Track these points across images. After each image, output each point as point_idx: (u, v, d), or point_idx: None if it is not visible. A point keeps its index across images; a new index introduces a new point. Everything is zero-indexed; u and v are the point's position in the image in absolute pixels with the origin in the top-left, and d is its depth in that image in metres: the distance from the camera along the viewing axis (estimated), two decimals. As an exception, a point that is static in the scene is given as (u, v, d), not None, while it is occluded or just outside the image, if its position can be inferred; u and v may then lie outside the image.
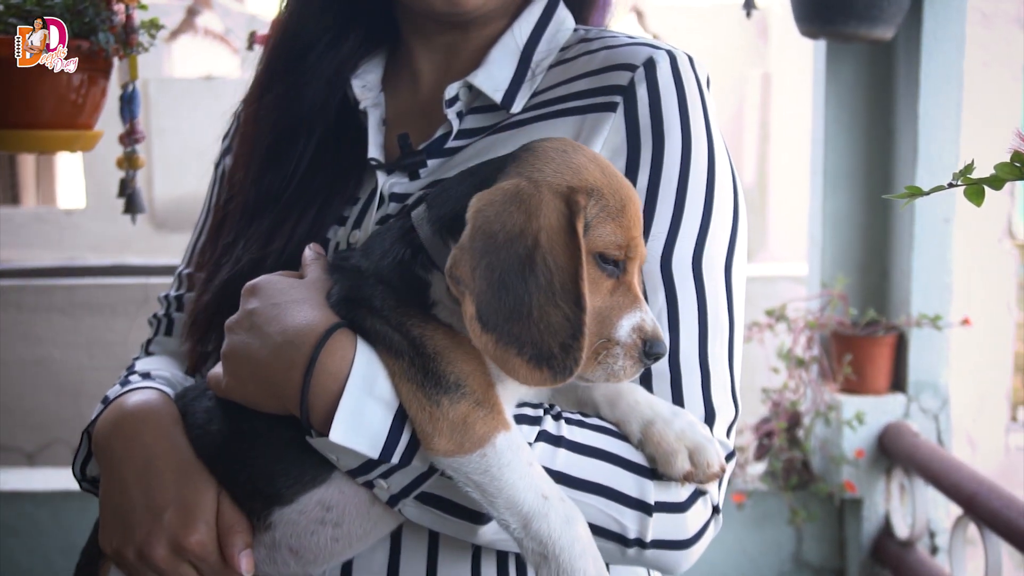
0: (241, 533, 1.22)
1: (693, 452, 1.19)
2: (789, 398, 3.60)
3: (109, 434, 1.30)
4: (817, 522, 3.62)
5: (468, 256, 1.09)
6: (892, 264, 3.60)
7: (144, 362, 1.50)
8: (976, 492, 2.95)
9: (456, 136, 1.38)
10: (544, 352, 1.10)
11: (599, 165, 1.18)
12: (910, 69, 3.43)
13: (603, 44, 1.38)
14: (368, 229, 1.36)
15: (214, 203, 1.56)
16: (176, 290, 1.58)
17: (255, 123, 1.49)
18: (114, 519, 1.25)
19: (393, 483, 1.16)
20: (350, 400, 1.12)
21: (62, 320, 5.72)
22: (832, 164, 3.63)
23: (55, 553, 3.57)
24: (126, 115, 2.76)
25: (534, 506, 1.10)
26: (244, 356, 1.21)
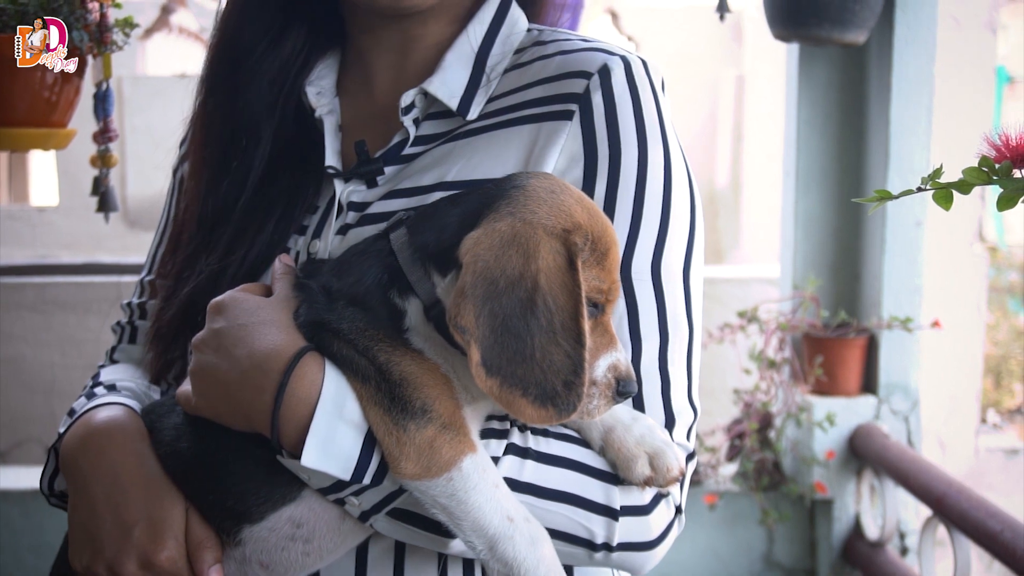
0: (211, 549, 1.22)
1: (653, 457, 1.21)
2: (761, 399, 3.61)
3: (76, 450, 1.29)
4: (788, 523, 3.63)
5: (471, 304, 1.10)
6: (863, 266, 3.63)
7: (109, 372, 1.49)
8: (945, 493, 2.97)
9: (413, 143, 1.38)
10: (548, 391, 1.11)
11: (586, 207, 1.19)
12: (882, 73, 3.45)
13: (558, 48, 1.38)
14: (328, 238, 1.36)
15: (173, 212, 1.55)
16: (139, 297, 1.56)
17: (202, 129, 1.48)
18: (83, 536, 1.25)
19: (364, 501, 1.17)
20: (320, 424, 1.13)
21: (33, 318, 5.70)
22: (804, 166, 3.65)
23: (25, 551, 3.56)
24: (100, 113, 2.75)
25: (500, 528, 1.12)
26: (212, 377, 1.21)
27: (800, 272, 3.67)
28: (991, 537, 2.72)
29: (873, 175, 3.53)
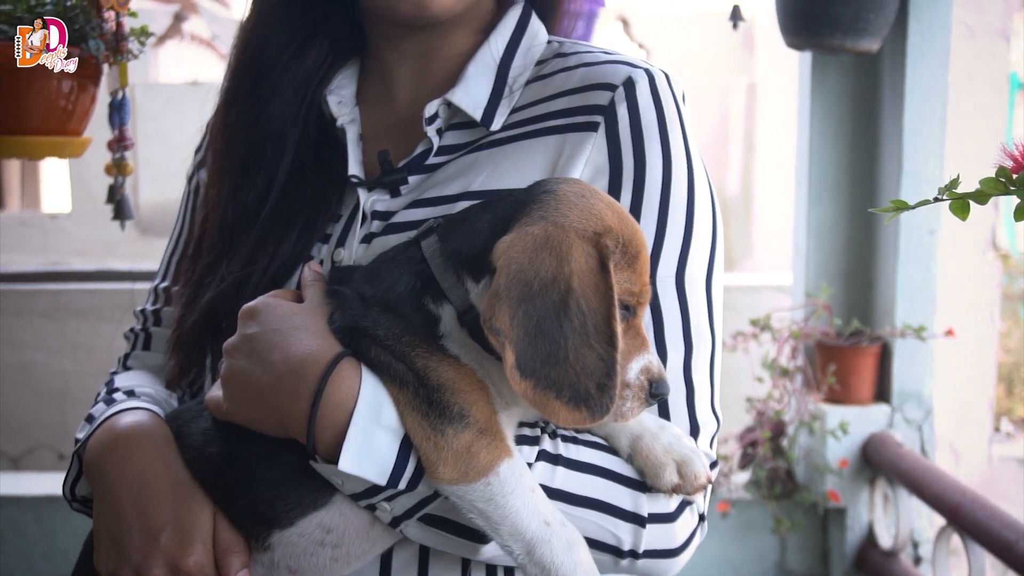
0: (238, 553, 1.22)
1: (681, 465, 1.22)
2: (773, 408, 3.61)
3: (102, 456, 1.29)
4: (801, 531, 3.63)
5: (505, 306, 1.11)
6: (876, 275, 3.62)
7: (124, 378, 1.49)
8: (959, 502, 2.97)
9: (436, 153, 1.39)
10: (581, 393, 1.12)
11: (615, 211, 1.20)
12: (895, 81, 3.45)
13: (580, 61, 1.39)
14: (352, 247, 1.36)
15: (189, 219, 1.56)
16: (153, 304, 1.57)
17: (224, 138, 1.48)
18: (110, 541, 1.25)
19: (397, 506, 1.17)
20: (358, 430, 1.14)
21: (47, 325, 5.71)
22: (817, 175, 3.65)
23: (38, 558, 3.57)
24: (115, 121, 2.76)
25: (537, 532, 1.12)
26: (245, 382, 1.21)
27: (813, 280, 3.67)
28: (1006, 547, 2.72)
29: (886, 184, 3.53)
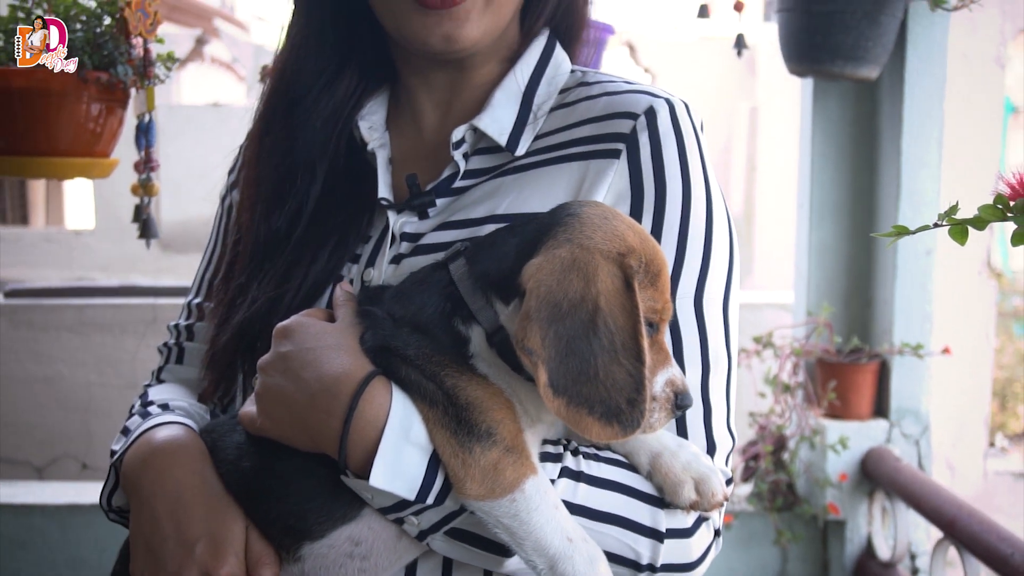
0: (269, 565, 1.23)
1: (699, 482, 1.23)
2: (775, 422, 3.61)
3: (139, 468, 1.30)
4: (801, 543, 3.62)
5: (536, 327, 1.11)
6: (875, 294, 3.62)
7: (158, 391, 1.50)
8: (956, 516, 2.96)
9: (463, 176, 1.40)
10: (612, 408, 1.12)
11: (636, 232, 1.21)
12: (893, 107, 3.46)
13: (603, 90, 1.40)
14: (382, 267, 1.37)
15: (222, 238, 1.57)
16: (186, 319, 1.58)
17: (257, 165, 1.49)
18: (146, 552, 1.25)
19: (424, 520, 1.18)
20: (388, 446, 1.14)
21: (71, 339, 5.72)
22: (818, 197, 3.65)
23: (62, 566, 3.57)
24: (141, 144, 2.78)
25: (560, 548, 1.13)
26: (279, 399, 1.22)
27: (814, 299, 3.67)
28: (1002, 560, 2.71)
29: (885, 207, 3.53)
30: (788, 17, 3.20)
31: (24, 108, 2.53)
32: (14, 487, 3.82)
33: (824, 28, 3.12)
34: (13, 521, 3.57)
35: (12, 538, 3.57)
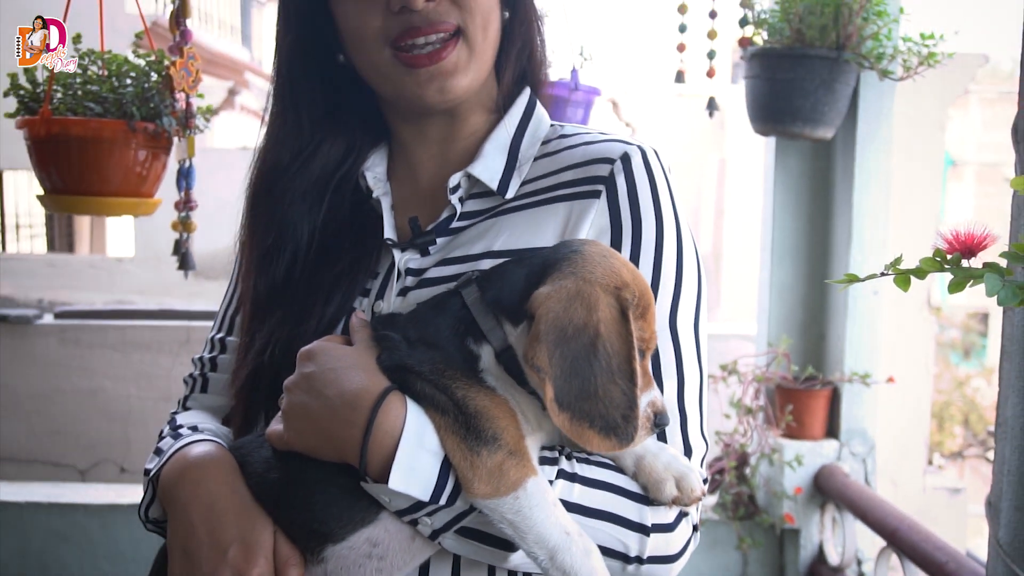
0: (295, 566, 1.22)
1: (679, 480, 1.23)
2: (739, 441, 3.62)
3: (175, 482, 1.29)
4: (761, 549, 3.63)
5: (544, 347, 1.13)
6: (828, 328, 3.64)
7: (186, 416, 1.49)
8: (898, 527, 2.97)
9: (459, 218, 1.40)
10: (610, 423, 1.14)
11: (629, 269, 1.22)
12: (846, 164, 3.49)
13: (581, 140, 1.41)
14: (390, 300, 1.38)
15: (241, 280, 1.56)
16: (209, 352, 1.57)
17: (248, 234, 1.51)
18: (183, 556, 1.25)
19: (436, 520, 1.18)
20: (405, 453, 1.14)
21: (113, 356, 5.71)
22: (778, 241, 3.67)
23: (103, 559, 3.57)
24: (182, 186, 2.79)
25: (559, 541, 1.13)
26: (304, 414, 1.22)
27: (774, 332, 3.69)
28: (938, 567, 2.72)
29: (838, 251, 3.55)
30: (754, 83, 3.23)
31: (80, 153, 2.55)
32: (60, 488, 3.82)
33: (786, 94, 3.14)
34: (59, 518, 3.57)
35: (58, 533, 3.57)
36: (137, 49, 2.75)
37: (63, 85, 2.59)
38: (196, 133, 2.70)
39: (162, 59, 2.66)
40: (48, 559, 3.57)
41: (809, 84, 3.13)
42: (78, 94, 2.59)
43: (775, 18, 3.17)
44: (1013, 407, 1.92)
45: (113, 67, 2.65)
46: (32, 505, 3.59)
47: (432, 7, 1.33)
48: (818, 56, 3.11)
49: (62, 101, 2.58)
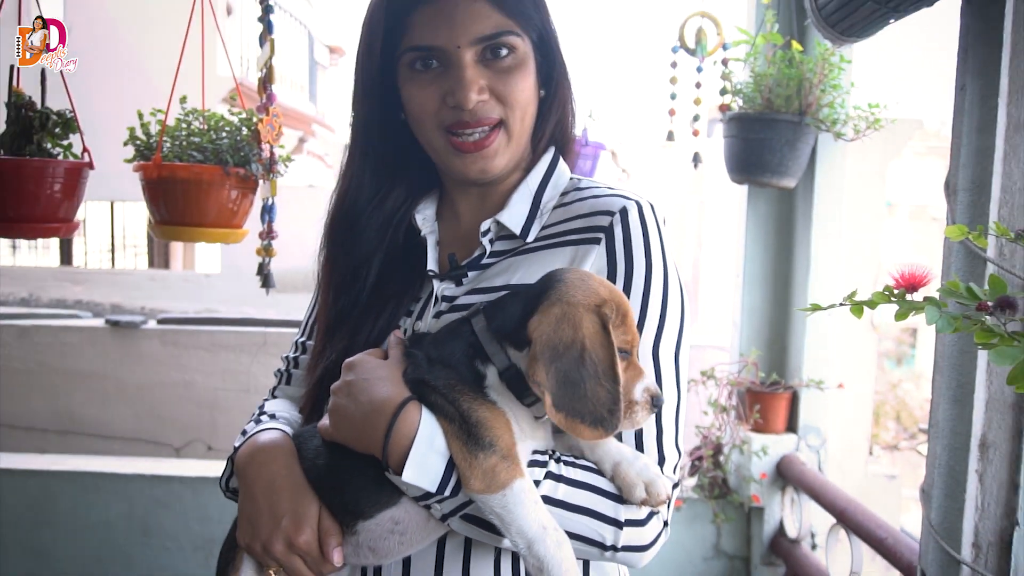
0: (335, 536, 1.24)
1: (648, 485, 1.22)
2: (715, 433, 3.62)
3: (246, 462, 1.31)
4: (732, 523, 3.62)
5: (542, 365, 1.13)
6: (789, 342, 3.64)
7: (272, 404, 1.50)
8: (845, 508, 2.97)
9: (488, 256, 1.40)
10: (598, 417, 1.14)
11: (607, 287, 1.22)
12: (806, 208, 3.50)
13: (591, 194, 1.40)
14: (427, 320, 1.38)
15: (320, 296, 1.56)
16: (294, 353, 1.58)
17: (327, 264, 1.51)
18: (247, 523, 1.26)
19: (444, 507, 1.19)
20: (417, 452, 1.16)
21: (203, 355, 5.73)
22: (749, 271, 3.68)
23: (193, 521, 3.59)
24: (265, 219, 2.82)
25: (536, 533, 1.13)
26: (343, 414, 1.23)
27: (745, 344, 3.69)
28: (878, 541, 2.71)
29: (798, 280, 3.56)
30: (731, 142, 3.24)
31: (184, 193, 2.57)
32: (159, 462, 3.85)
33: (757, 151, 3.15)
34: (159, 487, 3.60)
35: (158, 500, 3.60)
36: (231, 107, 2.78)
37: (172, 137, 2.62)
38: (277, 177, 2.73)
39: (251, 117, 2.69)
40: (149, 521, 3.59)
41: (776, 143, 3.14)
42: (183, 144, 2.62)
43: (749, 89, 3.18)
44: (944, 412, 1.92)
45: (212, 122, 2.68)
46: (137, 476, 3.62)
47: (480, 105, 1.33)
48: (784, 120, 3.12)
49: (170, 150, 2.60)
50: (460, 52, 1.32)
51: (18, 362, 5.86)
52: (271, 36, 2.71)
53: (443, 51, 1.33)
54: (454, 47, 1.32)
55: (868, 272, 3.67)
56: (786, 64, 3.10)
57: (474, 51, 1.33)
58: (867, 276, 3.65)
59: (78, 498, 3.60)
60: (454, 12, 1.32)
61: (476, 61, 1.33)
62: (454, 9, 1.32)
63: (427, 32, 1.33)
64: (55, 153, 2.44)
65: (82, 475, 3.62)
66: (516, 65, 1.35)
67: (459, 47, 1.32)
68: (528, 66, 1.37)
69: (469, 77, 1.32)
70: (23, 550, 3.62)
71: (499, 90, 1.34)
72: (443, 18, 1.32)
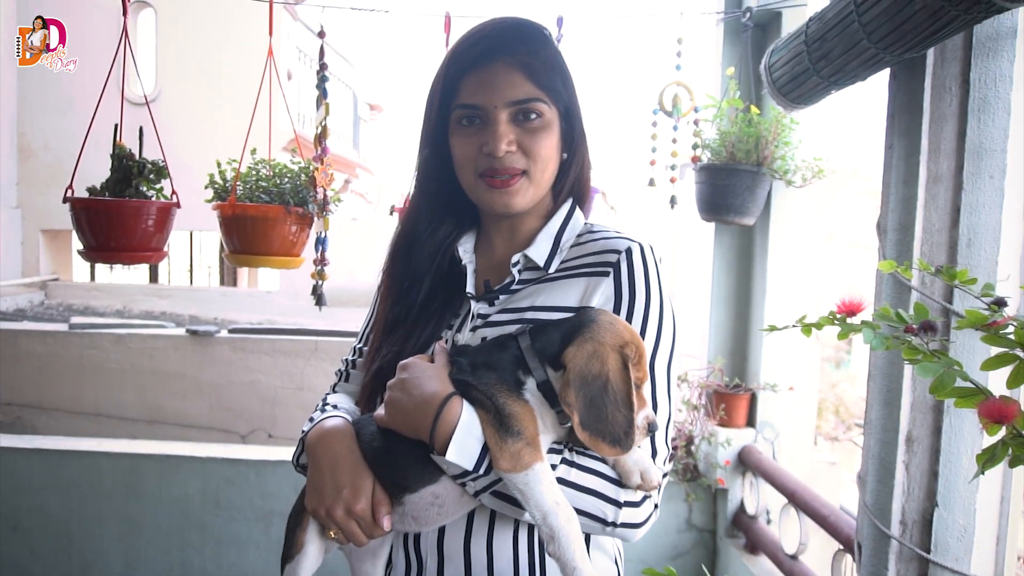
0: (385, 505, 1.24)
1: (643, 473, 1.23)
2: (688, 428, 3.61)
3: (315, 442, 1.32)
4: (701, 502, 3.61)
5: (573, 390, 1.15)
6: (749, 352, 3.63)
7: (333, 397, 1.51)
8: (795, 490, 2.96)
9: (517, 283, 1.41)
10: (616, 437, 1.15)
11: (630, 331, 1.23)
12: (763, 241, 3.50)
13: (602, 236, 1.41)
14: (464, 333, 1.39)
15: (377, 308, 1.56)
16: (353, 355, 1.59)
17: (388, 278, 1.51)
18: (314, 491, 1.28)
19: (478, 484, 1.19)
20: (459, 438, 1.16)
21: (265, 359, 5.75)
22: (716, 293, 3.68)
23: (257, 497, 3.59)
24: (319, 249, 2.84)
25: (550, 507, 1.13)
26: (398, 405, 1.24)
27: (713, 353, 3.68)
28: (822, 518, 2.71)
29: (756, 301, 3.56)
30: (701, 187, 3.25)
31: (252, 227, 2.59)
32: (229, 447, 3.85)
33: (723, 195, 3.16)
34: (229, 469, 3.60)
35: (227, 478, 3.60)
36: (292, 157, 2.80)
37: (243, 182, 2.64)
38: (329, 214, 2.75)
39: (309, 165, 2.72)
40: (220, 496, 3.60)
41: (738, 188, 3.15)
42: (253, 188, 2.65)
43: (716, 144, 3.20)
44: (876, 412, 1.93)
45: (276, 170, 2.71)
46: (210, 459, 3.62)
47: (508, 155, 1.35)
48: (744, 170, 3.13)
49: (243, 192, 2.63)
50: (496, 111, 1.35)
51: (114, 364, 5.88)
52: (326, 100, 2.74)
53: (483, 110, 1.36)
54: (492, 107, 1.35)
55: (813, 293, 3.67)
56: (746, 124, 3.11)
57: (508, 112, 1.35)
58: (812, 296, 3.65)
59: (163, 476, 3.61)
60: (495, 79, 1.35)
61: (509, 120, 1.36)
62: (495, 77, 1.35)
63: (472, 94, 1.36)
64: (149, 195, 2.47)
65: (166, 457, 3.63)
66: (542, 127, 1.37)
67: (496, 107, 1.35)
68: (552, 129, 1.39)
69: (501, 131, 1.34)
70: (118, 518, 3.63)
71: (525, 144, 1.36)
72: (486, 83, 1.35)
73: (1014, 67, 1.68)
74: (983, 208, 1.72)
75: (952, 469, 1.77)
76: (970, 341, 1.67)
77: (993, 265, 1.71)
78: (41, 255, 11.75)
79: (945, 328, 1.69)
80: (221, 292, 10.75)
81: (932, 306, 1.69)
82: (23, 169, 11.57)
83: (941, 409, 1.78)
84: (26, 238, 11.69)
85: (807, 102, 2.17)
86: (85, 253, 2.40)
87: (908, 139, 1.82)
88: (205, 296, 10.23)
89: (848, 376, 14.24)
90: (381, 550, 1.36)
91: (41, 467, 3.63)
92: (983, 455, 1.03)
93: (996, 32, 1.68)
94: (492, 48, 1.37)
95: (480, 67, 1.37)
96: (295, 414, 5.55)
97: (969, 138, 1.71)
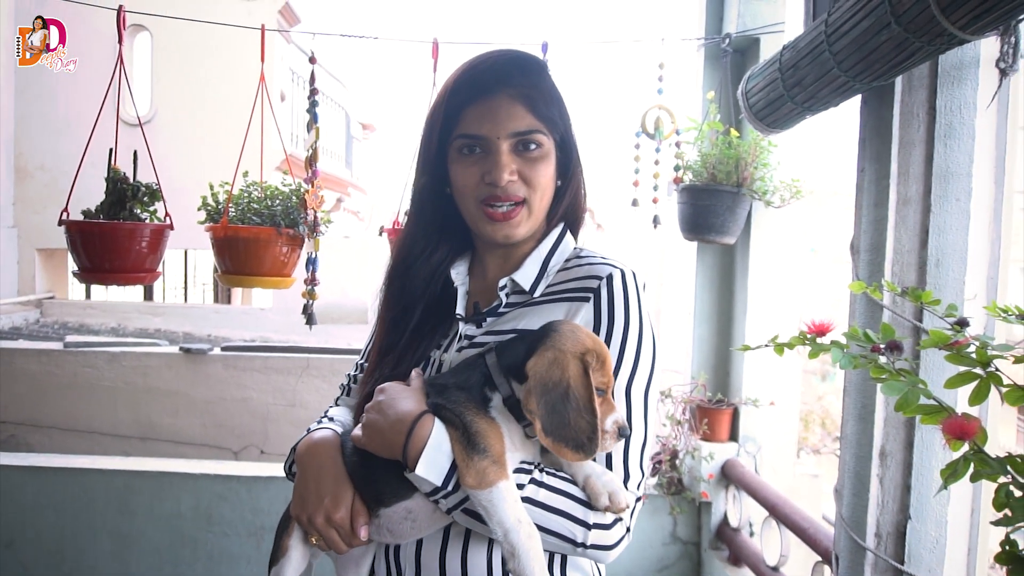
0: (363, 516, 1.27)
1: (611, 495, 1.23)
2: (672, 442, 3.62)
3: (303, 451, 1.35)
4: (685, 514, 3.61)
5: (535, 397, 1.16)
6: (731, 368, 3.65)
7: (333, 410, 1.53)
8: (776, 503, 2.97)
9: (504, 306, 1.43)
10: (580, 442, 1.16)
11: (592, 338, 1.24)
12: (743, 260, 3.53)
13: (587, 261, 1.42)
14: (452, 354, 1.40)
15: (378, 326, 1.58)
16: (355, 371, 1.61)
17: (385, 303, 1.53)
18: (299, 498, 1.30)
19: (449, 501, 1.20)
20: (428, 454, 1.18)
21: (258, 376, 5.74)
22: (700, 309, 3.70)
23: (248, 512, 3.57)
24: (309, 269, 2.85)
25: (512, 525, 1.14)
26: (374, 426, 1.26)
27: (696, 369, 3.70)
28: (802, 530, 2.72)
29: (738, 317, 3.58)
30: (683, 207, 3.27)
31: (244, 248, 2.61)
32: (221, 463, 3.84)
33: (704, 215, 3.19)
34: (220, 484, 3.59)
35: (219, 494, 3.58)
36: (283, 179, 2.82)
37: (235, 204, 2.66)
38: (319, 235, 2.76)
39: (299, 187, 2.73)
40: (212, 511, 3.58)
41: (719, 208, 3.18)
42: (245, 209, 2.66)
43: (697, 165, 3.23)
44: (851, 427, 1.95)
45: (268, 192, 2.72)
46: (202, 475, 3.61)
47: (510, 184, 1.37)
48: (725, 191, 3.16)
49: (235, 213, 2.64)
50: (499, 142, 1.37)
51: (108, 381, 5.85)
52: (316, 125, 2.76)
53: (486, 140, 1.37)
54: (495, 137, 1.37)
55: (794, 309, 3.70)
56: (726, 147, 3.15)
57: (510, 142, 1.37)
58: (793, 312, 3.68)
59: (155, 492, 3.59)
60: (497, 111, 1.37)
61: (510, 150, 1.38)
62: (498, 109, 1.37)
63: (475, 124, 1.38)
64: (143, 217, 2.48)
65: (158, 474, 3.61)
66: (541, 157, 1.39)
67: (498, 138, 1.37)
68: (550, 159, 1.41)
69: (504, 162, 1.36)
70: (110, 534, 3.60)
71: (526, 174, 1.38)
72: (489, 115, 1.37)
73: (977, 94, 1.72)
74: (950, 230, 1.75)
75: (924, 482, 1.79)
76: (938, 359, 1.69)
77: (961, 284, 1.74)
78: (37, 274, 11.69)
79: (915, 346, 1.72)
80: (215, 309, 10.72)
81: (903, 325, 1.72)
82: (20, 189, 11.54)
83: (913, 424, 1.80)
84: (22, 257, 11.64)
85: (783, 126, 2.20)
86: (80, 275, 2.41)
87: (878, 163, 1.86)
88: (199, 313, 10.20)
89: (834, 389, 14.31)
90: (364, 559, 1.38)
91: (35, 484, 3.61)
92: (946, 470, 1.05)
93: (960, 61, 1.72)
94: (494, 80, 1.39)
95: (482, 98, 1.38)
96: (287, 430, 5.53)
97: (936, 162, 1.75)
